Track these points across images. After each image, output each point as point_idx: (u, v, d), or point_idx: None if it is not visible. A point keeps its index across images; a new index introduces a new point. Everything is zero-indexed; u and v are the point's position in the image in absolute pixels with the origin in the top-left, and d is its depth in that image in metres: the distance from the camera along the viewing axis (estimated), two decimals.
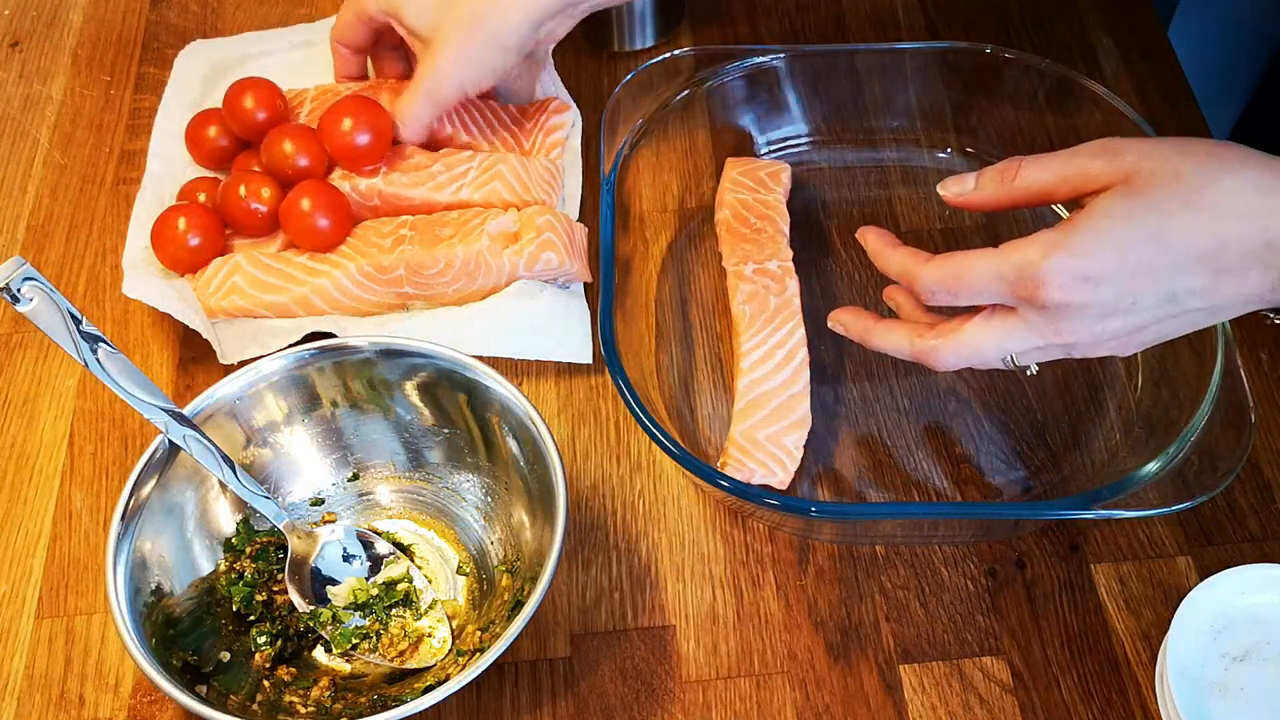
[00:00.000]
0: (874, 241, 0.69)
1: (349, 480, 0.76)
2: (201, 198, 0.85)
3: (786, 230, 0.85)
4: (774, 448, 0.74)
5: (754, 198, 0.86)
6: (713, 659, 0.71)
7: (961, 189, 0.67)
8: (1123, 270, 0.59)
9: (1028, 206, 0.67)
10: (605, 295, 0.75)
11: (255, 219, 0.83)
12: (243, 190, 0.83)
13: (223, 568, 0.71)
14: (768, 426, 0.75)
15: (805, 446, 0.76)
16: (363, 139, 0.82)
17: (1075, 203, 0.63)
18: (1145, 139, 0.62)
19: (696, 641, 0.71)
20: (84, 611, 0.73)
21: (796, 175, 0.89)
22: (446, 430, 0.74)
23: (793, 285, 0.81)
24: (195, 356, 0.83)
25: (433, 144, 0.87)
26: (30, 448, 0.79)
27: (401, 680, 0.69)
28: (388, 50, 0.89)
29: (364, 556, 0.72)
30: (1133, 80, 0.97)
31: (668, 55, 0.88)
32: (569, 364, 0.82)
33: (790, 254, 0.83)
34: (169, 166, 0.89)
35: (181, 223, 0.82)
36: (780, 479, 0.74)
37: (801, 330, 0.79)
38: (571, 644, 0.71)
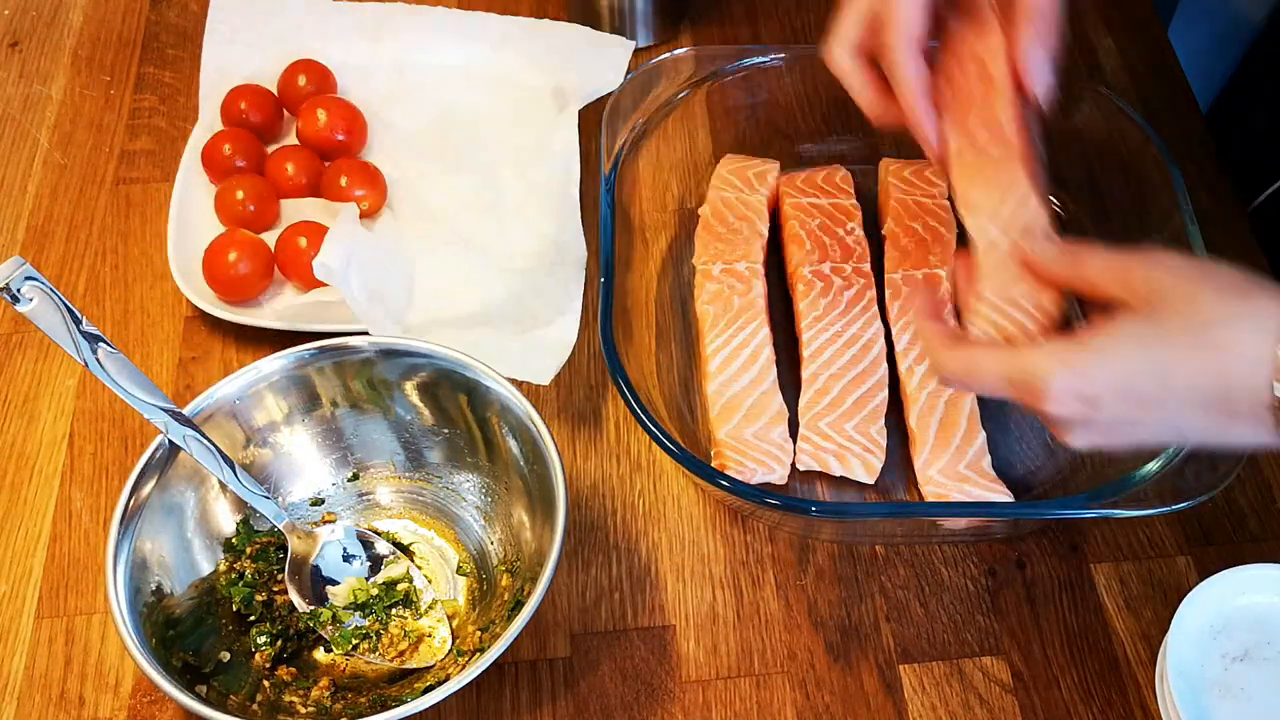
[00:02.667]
0: (917, 308, 0.66)
1: (349, 480, 0.76)
2: (239, 194, 0.86)
3: (765, 232, 0.84)
4: (764, 444, 0.75)
5: (737, 196, 0.86)
6: (713, 659, 0.71)
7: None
8: (1126, 400, 0.57)
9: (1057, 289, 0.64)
10: (605, 295, 0.75)
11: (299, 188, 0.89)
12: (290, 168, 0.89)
13: (223, 568, 0.71)
14: (750, 425, 0.75)
15: None
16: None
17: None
18: (1177, 258, 0.59)
19: (696, 641, 0.71)
20: (84, 611, 0.73)
21: None
22: (446, 430, 0.74)
23: (759, 287, 0.81)
24: (195, 356, 0.83)
25: None
26: (30, 448, 0.79)
27: (401, 680, 0.69)
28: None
29: (364, 556, 0.72)
30: (1133, 80, 0.97)
31: (668, 55, 0.88)
32: (569, 364, 0.81)
33: (761, 256, 0.82)
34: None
35: (232, 255, 0.82)
36: (779, 474, 0.74)
37: (766, 330, 0.79)
38: (571, 644, 0.71)
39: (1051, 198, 0.88)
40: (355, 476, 0.76)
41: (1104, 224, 0.86)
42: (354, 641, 0.69)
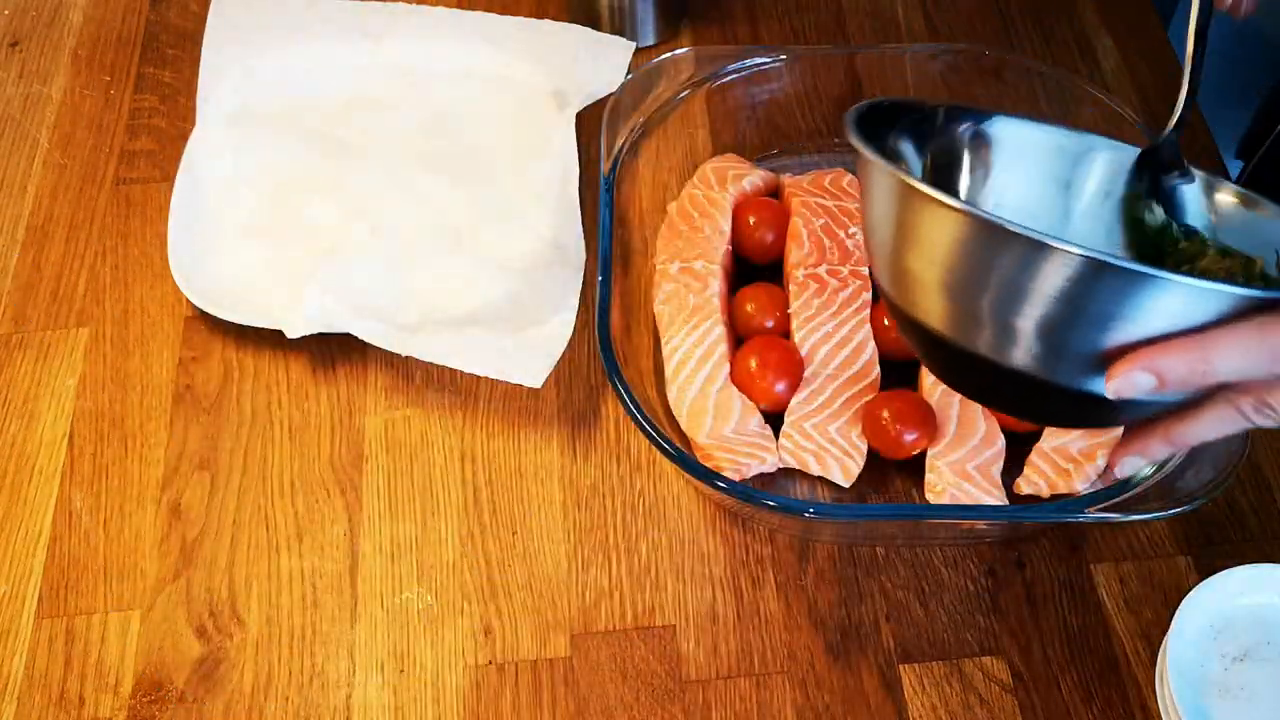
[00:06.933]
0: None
1: None
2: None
3: (726, 229, 0.84)
4: (746, 437, 0.75)
5: (704, 194, 0.86)
6: (713, 659, 0.71)
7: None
8: None
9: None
10: (604, 295, 0.75)
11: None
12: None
13: None
14: (725, 423, 0.75)
15: None
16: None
17: None
18: None
19: (696, 641, 0.71)
20: (84, 611, 0.73)
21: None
22: None
23: (715, 285, 0.81)
24: (195, 356, 0.83)
25: None
26: (30, 448, 0.79)
27: None
28: None
29: None
30: (1133, 80, 0.97)
31: (668, 55, 0.88)
32: (569, 364, 0.82)
33: (721, 254, 0.82)
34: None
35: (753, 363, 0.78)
36: (771, 463, 0.75)
37: (720, 329, 0.79)
38: (571, 644, 0.71)
39: None
40: None
41: None
42: None
